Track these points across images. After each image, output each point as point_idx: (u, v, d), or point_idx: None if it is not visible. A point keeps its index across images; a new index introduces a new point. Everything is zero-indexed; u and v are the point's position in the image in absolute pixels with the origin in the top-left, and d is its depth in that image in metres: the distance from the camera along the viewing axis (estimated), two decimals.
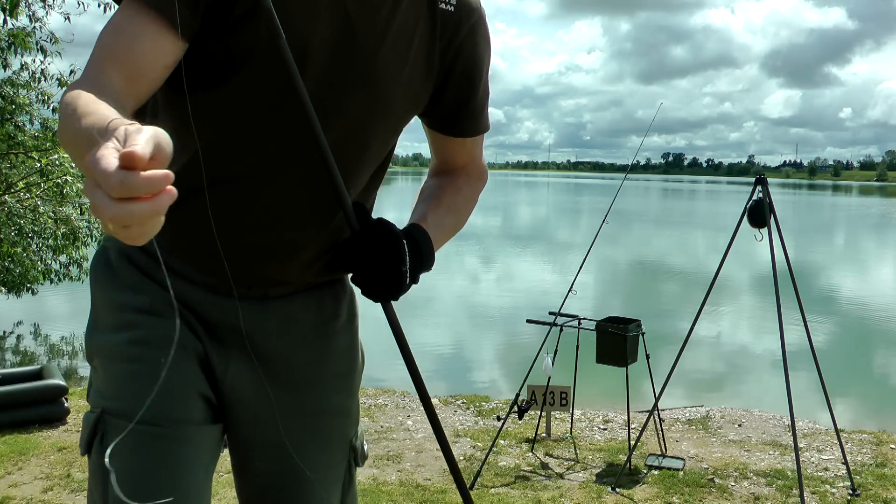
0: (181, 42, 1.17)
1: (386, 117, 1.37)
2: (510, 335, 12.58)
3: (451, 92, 1.45)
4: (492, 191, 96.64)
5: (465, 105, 1.49)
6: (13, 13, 7.25)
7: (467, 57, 1.43)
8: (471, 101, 1.49)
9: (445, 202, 1.53)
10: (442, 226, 1.49)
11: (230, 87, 1.24)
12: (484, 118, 1.55)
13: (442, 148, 1.58)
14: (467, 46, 1.43)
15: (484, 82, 1.50)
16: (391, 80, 1.32)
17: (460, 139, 1.55)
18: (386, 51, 1.29)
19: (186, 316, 1.37)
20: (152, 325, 1.34)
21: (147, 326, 1.34)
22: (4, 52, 7.41)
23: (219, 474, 4.92)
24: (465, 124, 1.53)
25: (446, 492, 4.71)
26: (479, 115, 1.53)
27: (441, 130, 1.53)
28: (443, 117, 1.51)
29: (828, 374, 4.92)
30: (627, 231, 33.49)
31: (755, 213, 4.46)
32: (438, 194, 1.55)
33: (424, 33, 1.35)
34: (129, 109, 1.12)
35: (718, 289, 5.00)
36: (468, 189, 1.62)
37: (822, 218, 49.01)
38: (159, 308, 1.34)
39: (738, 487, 4.86)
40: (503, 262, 23.08)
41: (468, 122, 1.53)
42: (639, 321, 5.31)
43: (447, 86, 1.44)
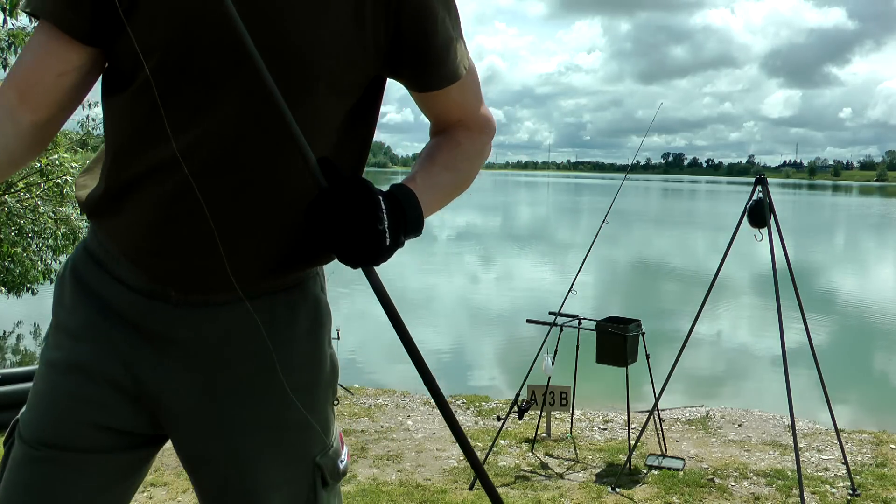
0: (80, 47, 1.19)
1: (309, 78, 1.22)
2: (510, 335, 12.58)
3: (406, 43, 1.30)
4: (492, 191, 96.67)
5: (424, 55, 1.33)
6: (13, 13, 7.26)
7: (408, 2, 1.27)
8: (430, 49, 1.32)
9: (441, 160, 1.42)
10: (436, 185, 1.38)
11: (143, 75, 1.18)
12: (451, 65, 1.36)
13: (429, 106, 1.45)
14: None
15: (441, 23, 1.31)
16: (300, 38, 1.19)
17: (442, 92, 1.39)
18: (286, 4, 1.18)
19: (116, 336, 1.34)
20: (72, 349, 1.36)
21: (67, 350, 1.36)
22: (4, 52, 7.42)
23: None
24: (431, 76, 1.36)
25: (446, 492, 4.71)
26: (443, 63, 1.35)
27: (414, 88, 1.41)
28: (409, 73, 1.36)
29: (828, 374, 4.92)
30: (627, 231, 33.50)
31: (755, 213, 4.46)
32: (433, 153, 1.43)
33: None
34: (26, 122, 1.20)
35: (718, 289, 5.00)
36: (469, 143, 1.48)
37: (822, 218, 49.02)
38: (83, 332, 1.35)
39: (738, 487, 4.86)
40: (503, 262, 23.08)
41: (434, 72, 1.36)
42: (639, 321, 5.31)
43: (400, 37, 1.29)
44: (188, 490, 4.66)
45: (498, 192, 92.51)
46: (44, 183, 8.41)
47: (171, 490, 4.65)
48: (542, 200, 72.51)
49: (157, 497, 4.56)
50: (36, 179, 8.42)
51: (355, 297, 15.40)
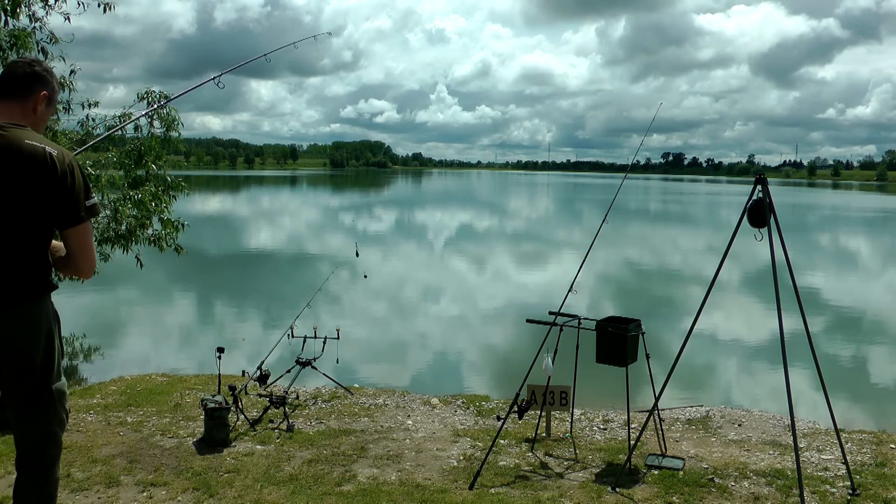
0: None
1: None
2: (510, 335, 12.59)
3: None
4: (492, 191, 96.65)
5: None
6: (14, 13, 7.25)
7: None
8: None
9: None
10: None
11: None
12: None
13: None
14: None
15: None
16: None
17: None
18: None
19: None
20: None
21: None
22: (6, 53, 7.40)
23: (218, 473, 4.93)
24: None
25: (446, 491, 4.71)
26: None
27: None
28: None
29: (828, 374, 4.92)
30: (627, 231, 33.48)
31: (755, 212, 4.46)
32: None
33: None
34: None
35: (718, 289, 5.00)
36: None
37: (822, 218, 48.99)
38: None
39: (738, 487, 4.86)
40: (503, 262, 23.07)
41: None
42: (639, 321, 5.31)
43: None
44: (188, 490, 4.66)
45: (498, 191, 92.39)
46: None
47: (171, 490, 4.66)
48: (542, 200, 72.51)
49: (157, 497, 4.56)
50: None
51: (355, 298, 15.40)
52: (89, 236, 2.74)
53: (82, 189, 2.68)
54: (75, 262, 2.74)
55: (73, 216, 2.66)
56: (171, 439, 5.67)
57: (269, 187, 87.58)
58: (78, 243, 2.70)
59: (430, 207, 54.94)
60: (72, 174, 2.64)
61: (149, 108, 7.94)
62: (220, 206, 49.79)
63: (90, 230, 2.75)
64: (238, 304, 15.19)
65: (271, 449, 5.48)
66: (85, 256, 2.73)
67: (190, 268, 17.75)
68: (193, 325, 13.50)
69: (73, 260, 2.73)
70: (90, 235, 2.75)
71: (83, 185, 2.69)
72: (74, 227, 2.67)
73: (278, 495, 4.58)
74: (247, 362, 8.05)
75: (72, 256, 2.73)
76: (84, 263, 2.74)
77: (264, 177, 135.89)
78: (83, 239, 2.71)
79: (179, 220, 8.50)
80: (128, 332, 12.75)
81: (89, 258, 2.74)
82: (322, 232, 32.13)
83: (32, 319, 2.68)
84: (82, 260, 2.73)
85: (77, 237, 2.69)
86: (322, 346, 7.12)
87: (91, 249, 2.74)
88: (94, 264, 2.78)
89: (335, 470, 5.07)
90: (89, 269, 2.77)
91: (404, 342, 12.05)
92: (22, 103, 2.73)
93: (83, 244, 2.71)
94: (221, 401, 5.64)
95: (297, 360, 7.00)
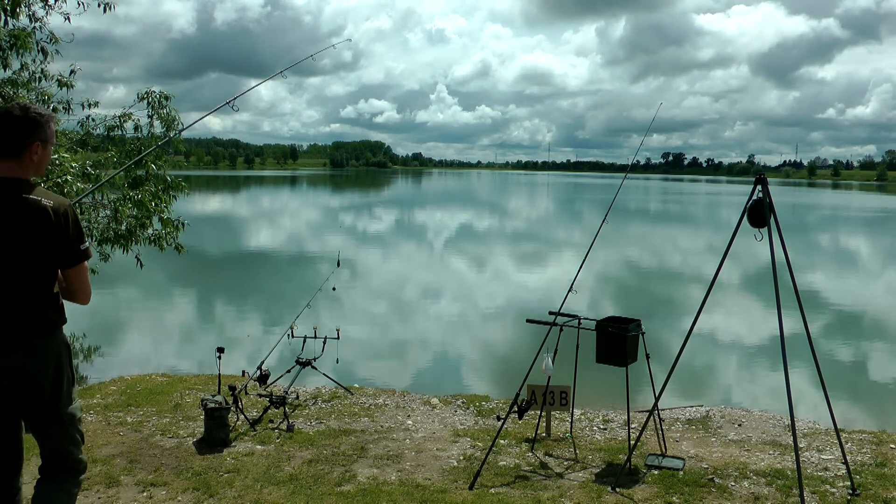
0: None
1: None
2: (510, 335, 12.59)
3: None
4: (492, 191, 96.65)
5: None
6: (14, 13, 7.25)
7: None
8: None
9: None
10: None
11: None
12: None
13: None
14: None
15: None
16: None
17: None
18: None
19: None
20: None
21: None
22: (6, 52, 7.41)
23: (218, 473, 4.93)
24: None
25: (446, 491, 4.71)
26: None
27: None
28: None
29: (828, 374, 4.92)
30: (628, 231, 33.48)
31: (755, 212, 4.46)
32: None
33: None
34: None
35: (718, 289, 5.00)
36: None
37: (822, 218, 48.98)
38: None
39: (738, 487, 4.86)
40: (504, 262, 23.07)
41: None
42: (639, 321, 5.31)
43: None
44: (188, 490, 4.66)
45: (498, 191, 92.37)
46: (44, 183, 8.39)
47: (171, 490, 4.66)
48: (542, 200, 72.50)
49: (157, 497, 4.56)
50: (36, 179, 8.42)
51: (355, 298, 15.40)
52: (85, 274, 3.15)
53: (77, 235, 3.05)
54: (74, 295, 3.17)
55: (71, 258, 3.05)
56: (171, 439, 5.67)
57: (269, 187, 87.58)
58: (76, 280, 3.12)
59: (431, 207, 54.94)
60: (66, 222, 2.99)
61: (148, 107, 7.95)
62: (220, 206, 49.80)
63: (86, 269, 3.16)
64: (238, 304, 15.19)
65: (271, 449, 5.48)
66: (82, 290, 3.17)
67: (190, 268, 17.76)
68: (193, 325, 13.50)
69: (72, 293, 3.17)
70: (86, 273, 3.16)
71: (78, 232, 3.06)
72: (73, 267, 3.07)
73: (278, 495, 4.58)
74: (247, 362, 8.05)
75: (71, 290, 3.16)
76: (81, 296, 3.18)
77: (264, 177, 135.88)
78: (81, 277, 3.13)
79: (179, 220, 8.50)
80: (128, 332, 12.75)
81: (86, 291, 3.18)
82: (322, 232, 32.13)
83: (40, 353, 3.03)
84: (80, 293, 3.17)
85: (75, 275, 3.10)
86: (322, 346, 7.12)
87: (87, 284, 3.18)
88: (89, 295, 3.21)
89: (335, 470, 5.07)
90: (86, 299, 3.21)
91: (404, 342, 12.05)
92: (17, 159, 3.00)
93: (80, 281, 3.14)
94: (221, 401, 5.64)
95: (297, 360, 7.00)
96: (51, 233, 2.94)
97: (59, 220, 2.96)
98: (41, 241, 2.94)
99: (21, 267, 2.94)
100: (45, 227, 2.93)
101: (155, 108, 8.18)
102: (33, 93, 8.15)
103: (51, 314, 3.06)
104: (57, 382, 3.08)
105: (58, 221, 2.95)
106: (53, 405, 3.08)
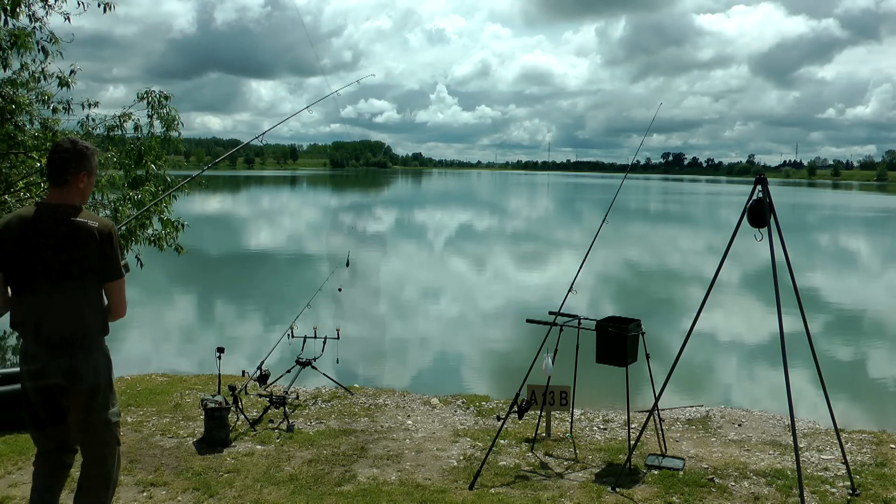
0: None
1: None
2: (510, 335, 12.58)
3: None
4: (492, 191, 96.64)
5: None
6: (14, 13, 7.24)
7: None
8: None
9: None
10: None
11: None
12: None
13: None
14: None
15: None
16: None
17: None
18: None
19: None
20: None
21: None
22: (6, 52, 7.40)
23: (218, 473, 4.93)
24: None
25: (446, 491, 4.71)
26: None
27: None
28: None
29: (828, 374, 4.92)
30: (628, 231, 33.48)
31: (755, 212, 4.46)
32: None
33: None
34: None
35: (718, 289, 5.00)
36: None
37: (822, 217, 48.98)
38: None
39: (738, 487, 4.86)
40: (504, 262, 23.07)
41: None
42: (639, 321, 5.31)
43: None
44: (188, 490, 4.66)
45: (498, 191, 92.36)
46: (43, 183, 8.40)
47: (171, 490, 4.66)
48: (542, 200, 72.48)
49: (157, 497, 4.56)
50: (36, 179, 8.41)
51: (355, 298, 15.39)
52: (123, 289, 3.50)
53: (119, 252, 3.43)
54: (113, 307, 3.50)
55: (113, 273, 3.41)
56: (171, 439, 5.67)
57: (269, 187, 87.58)
58: (116, 294, 3.46)
59: (431, 207, 54.93)
60: (109, 241, 3.37)
61: (148, 107, 7.95)
62: (220, 206, 49.79)
63: (124, 284, 3.50)
64: (238, 304, 15.19)
65: (271, 449, 5.48)
66: (120, 303, 3.50)
67: (190, 268, 17.76)
68: (193, 325, 13.50)
69: (110, 306, 3.50)
70: (124, 288, 3.50)
71: (119, 250, 3.43)
72: (114, 281, 3.43)
73: (278, 495, 4.58)
74: (247, 362, 8.05)
75: (110, 303, 3.49)
76: (119, 308, 3.50)
77: (264, 177, 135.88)
78: (120, 290, 3.47)
79: (179, 220, 8.50)
80: (128, 332, 12.75)
81: (122, 305, 3.52)
82: (322, 232, 32.12)
83: (87, 360, 3.39)
84: (118, 306, 3.50)
85: (116, 289, 3.45)
86: (322, 346, 7.12)
87: (124, 298, 3.51)
88: (125, 309, 3.54)
89: (335, 470, 5.07)
90: (122, 312, 3.54)
91: (404, 342, 12.05)
92: (66, 187, 3.37)
93: (120, 295, 3.48)
94: (221, 401, 5.63)
95: (297, 360, 7.00)
96: (96, 251, 3.32)
97: (103, 240, 3.34)
98: (88, 258, 3.32)
99: (72, 281, 3.31)
100: (92, 246, 3.31)
101: (155, 108, 8.17)
102: (33, 93, 8.15)
103: (103, 323, 3.45)
104: (97, 387, 3.45)
105: (102, 240, 3.33)
106: (94, 409, 3.46)
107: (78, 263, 3.30)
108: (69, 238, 3.30)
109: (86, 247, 3.31)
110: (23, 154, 8.36)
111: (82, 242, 3.30)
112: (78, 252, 3.30)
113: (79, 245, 3.30)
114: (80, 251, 3.30)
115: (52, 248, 3.28)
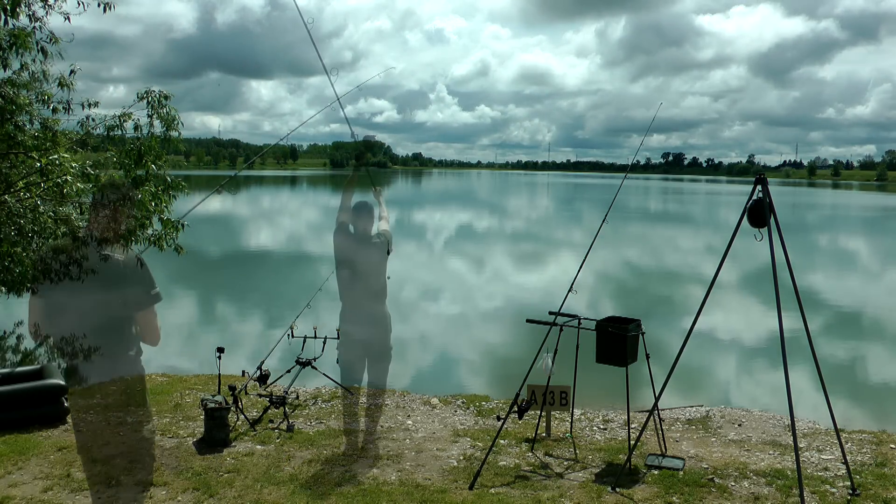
0: None
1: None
2: (510, 335, 12.58)
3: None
4: (492, 191, 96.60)
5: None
6: (14, 13, 7.24)
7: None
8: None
9: None
10: None
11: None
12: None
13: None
14: None
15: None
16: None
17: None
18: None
19: None
20: None
21: None
22: (6, 52, 7.39)
23: (218, 473, 4.93)
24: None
25: (446, 491, 4.71)
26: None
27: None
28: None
29: (828, 374, 4.92)
30: (628, 231, 33.47)
31: (755, 212, 4.46)
32: None
33: None
34: None
35: (718, 289, 5.00)
36: None
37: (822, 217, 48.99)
38: None
39: (738, 487, 4.86)
40: (503, 262, 23.08)
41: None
42: (639, 321, 5.31)
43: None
44: (188, 490, 4.66)
45: (498, 191, 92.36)
46: (44, 183, 8.40)
47: (171, 490, 4.66)
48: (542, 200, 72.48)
49: (157, 497, 4.56)
50: (36, 179, 8.40)
51: None
52: (155, 317, 3.57)
53: (148, 282, 3.51)
54: (145, 336, 3.59)
55: (143, 302, 3.51)
56: (171, 439, 5.67)
57: (269, 187, 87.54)
58: (146, 322, 3.55)
59: (430, 207, 54.91)
60: (139, 271, 3.48)
61: (148, 107, 7.94)
62: (221, 206, 49.78)
63: (155, 312, 3.57)
64: (238, 304, 15.19)
65: (271, 449, 5.48)
66: (151, 332, 3.59)
67: (190, 268, 17.73)
68: (193, 324, 13.50)
69: (144, 334, 3.59)
70: (155, 316, 3.57)
71: (148, 279, 3.51)
72: (144, 310, 3.51)
73: (278, 495, 4.58)
74: (247, 362, 8.04)
75: (143, 332, 3.58)
76: (151, 336, 3.60)
77: (264, 177, 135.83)
78: (151, 319, 3.56)
79: (179, 220, 8.49)
80: None
81: (156, 333, 3.60)
82: (322, 232, 32.11)
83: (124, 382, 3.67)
84: (150, 334, 3.59)
85: (145, 317, 3.53)
86: (322, 346, 7.11)
87: (156, 327, 3.59)
88: (159, 337, 3.63)
89: (335, 470, 5.07)
90: (155, 341, 3.63)
91: (404, 342, 12.04)
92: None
93: (151, 323, 3.56)
94: (221, 401, 5.63)
95: (297, 360, 6.99)
96: (127, 281, 3.47)
97: (135, 270, 3.47)
98: (120, 288, 3.45)
99: (106, 311, 3.45)
100: (126, 278, 3.46)
101: (154, 108, 8.16)
102: (33, 93, 8.15)
103: (131, 351, 3.62)
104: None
105: (134, 271, 3.47)
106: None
107: (112, 294, 3.48)
108: (104, 270, 3.47)
109: (118, 277, 3.50)
110: (23, 154, 8.36)
111: (114, 273, 3.48)
112: (111, 283, 3.49)
113: (111, 276, 3.48)
114: (116, 284, 3.50)
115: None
